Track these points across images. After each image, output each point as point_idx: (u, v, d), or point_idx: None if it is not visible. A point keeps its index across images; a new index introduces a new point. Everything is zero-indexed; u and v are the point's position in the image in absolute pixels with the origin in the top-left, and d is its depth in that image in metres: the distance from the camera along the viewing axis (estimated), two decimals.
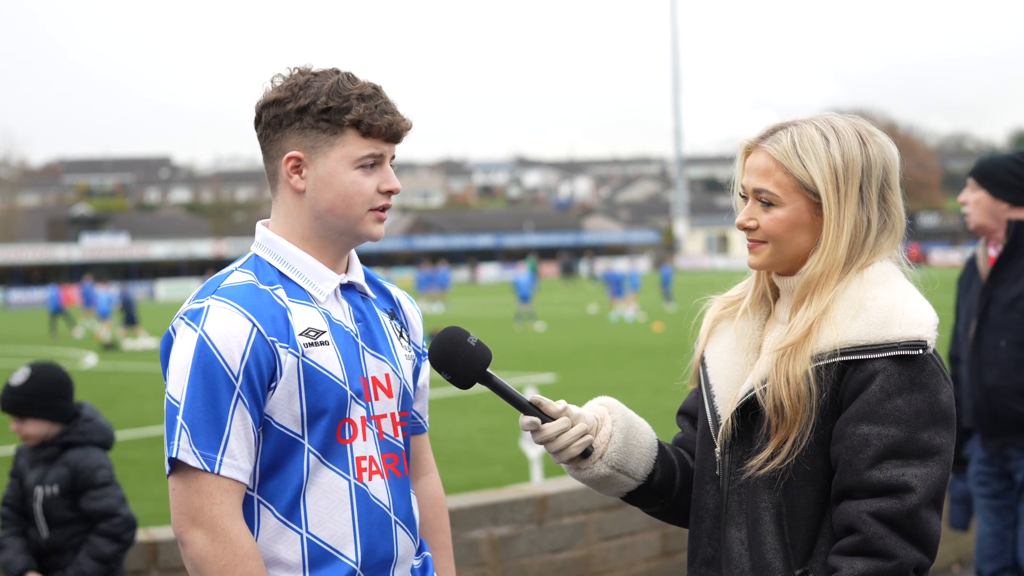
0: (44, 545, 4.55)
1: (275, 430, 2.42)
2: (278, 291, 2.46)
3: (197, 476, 2.36)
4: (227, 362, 2.36)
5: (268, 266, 2.51)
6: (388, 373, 2.57)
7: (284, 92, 2.48)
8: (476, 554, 5.75)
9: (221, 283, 2.46)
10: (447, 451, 13.32)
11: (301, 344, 2.43)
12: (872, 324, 2.32)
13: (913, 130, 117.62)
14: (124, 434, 14.23)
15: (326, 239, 2.54)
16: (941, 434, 2.29)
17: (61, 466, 4.54)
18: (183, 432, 2.35)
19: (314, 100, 2.45)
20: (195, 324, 2.39)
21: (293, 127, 2.47)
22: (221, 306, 2.40)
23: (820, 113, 2.48)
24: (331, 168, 2.48)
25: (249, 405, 2.38)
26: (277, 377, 2.40)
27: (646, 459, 2.59)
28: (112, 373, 23.80)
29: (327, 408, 2.44)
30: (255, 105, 2.54)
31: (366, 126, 2.47)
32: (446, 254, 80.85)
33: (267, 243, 2.55)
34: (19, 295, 63.95)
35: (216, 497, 2.36)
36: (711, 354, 2.56)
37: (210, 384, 2.36)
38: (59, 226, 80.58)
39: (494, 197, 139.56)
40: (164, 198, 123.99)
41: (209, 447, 2.35)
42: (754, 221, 2.44)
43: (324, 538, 2.45)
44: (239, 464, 2.38)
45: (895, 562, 2.24)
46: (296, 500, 2.44)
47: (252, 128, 2.57)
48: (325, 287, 2.53)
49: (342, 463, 2.47)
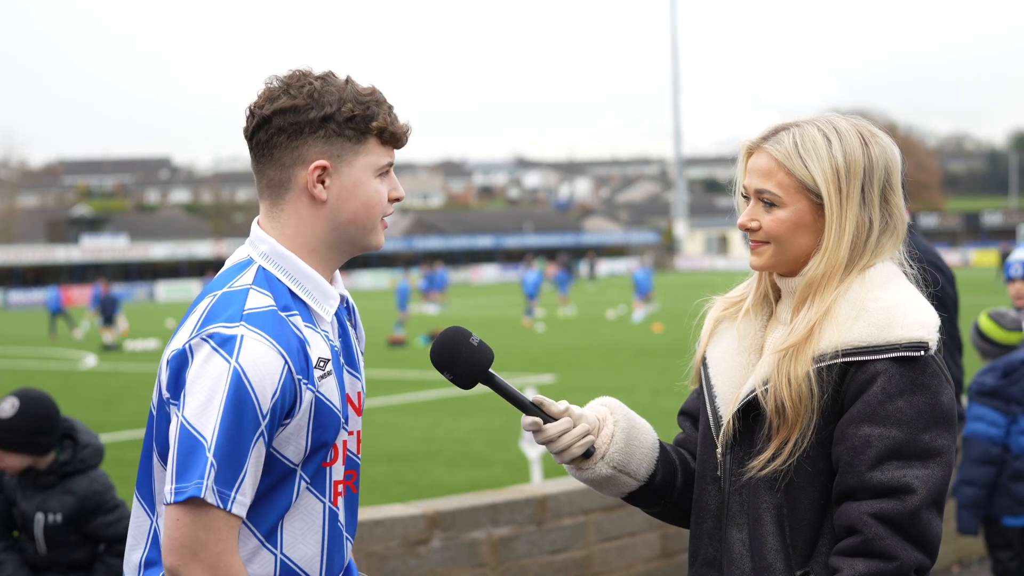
0: (40, 561, 4.52)
1: (277, 461, 2.36)
2: (294, 318, 2.36)
3: (208, 512, 2.26)
4: (259, 401, 2.26)
5: (279, 284, 2.40)
6: (360, 391, 2.52)
7: (302, 99, 2.38)
8: (476, 555, 5.74)
9: (244, 305, 2.32)
10: (447, 451, 13.32)
11: (316, 378, 2.36)
12: (874, 325, 2.32)
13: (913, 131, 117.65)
14: (124, 435, 14.25)
15: (335, 250, 2.46)
16: (942, 435, 2.29)
17: (65, 494, 4.45)
18: (212, 470, 2.24)
19: (339, 108, 2.38)
20: (226, 353, 2.26)
21: (316, 135, 2.38)
22: (255, 338, 2.27)
23: (822, 114, 2.48)
24: (356, 177, 2.40)
25: (266, 442, 2.31)
26: (294, 413, 2.33)
27: (647, 459, 2.59)
28: (112, 374, 23.77)
29: (328, 440, 2.40)
30: (254, 108, 2.42)
31: (389, 133, 2.42)
32: (446, 255, 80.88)
33: (277, 257, 2.42)
34: (19, 296, 63.93)
35: (222, 533, 2.28)
36: (713, 355, 2.56)
37: (240, 422, 2.25)
38: (59, 227, 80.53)
39: (494, 198, 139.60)
40: (164, 199, 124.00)
41: (227, 484, 2.26)
42: (756, 222, 2.44)
43: (296, 559, 2.41)
44: (246, 501, 2.31)
45: (896, 563, 2.23)
46: (277, 523, 2.39)
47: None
48: (330, 307, 2.45)
49: (321, 486, 2.43)
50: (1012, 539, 5.86)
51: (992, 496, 5.82)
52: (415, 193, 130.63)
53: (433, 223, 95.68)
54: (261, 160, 2.43)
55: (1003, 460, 5.76)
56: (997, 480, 5.79)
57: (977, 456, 5.76)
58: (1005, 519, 5.83)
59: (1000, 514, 5.83)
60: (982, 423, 5.76)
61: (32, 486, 4.50)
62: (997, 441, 5.74)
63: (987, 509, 5.85)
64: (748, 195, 2.47)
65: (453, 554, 5.62)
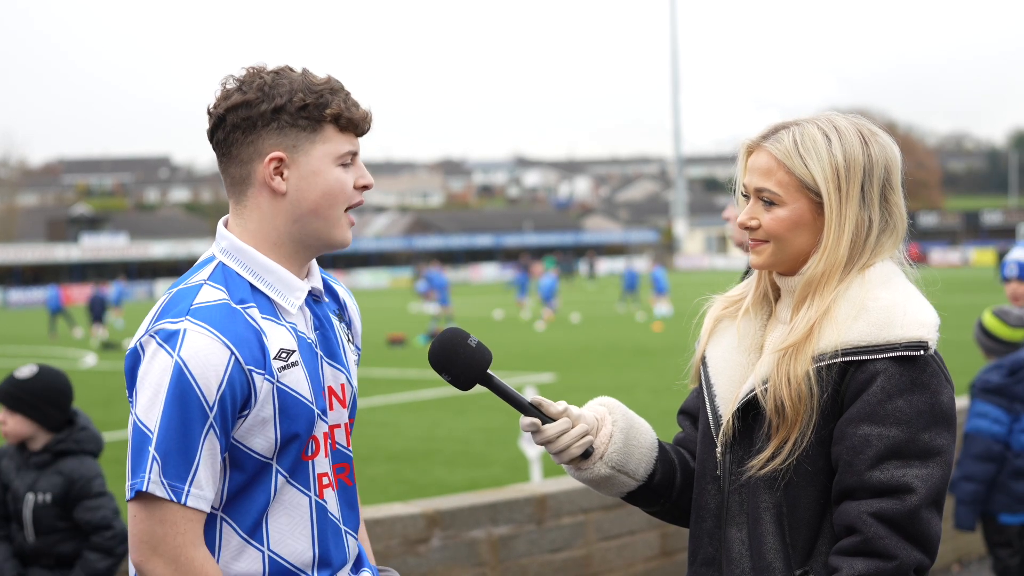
0: (28, 549, 4.54)
1: (246, 455, 2.36)
2: (251, 310, 2.36)
3: (162, 506, 2.28)
4: (204, 393, 2.27)
5: (237, 278, 2.41)
6: (343, 383, 2.51)
7: (252, 93, 2.38)
8: (475, 554, 5.74)
9: (193, 301, 2.34)
10: (446, 451, 13.32)
11: (275, 369, 2.35)
12: (873, 325, 2.31)
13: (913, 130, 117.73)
14: (123, 434, 14.25)
15: (299, 244, 2.45)
16: (942, 435, 2.29)
17: (55, 474, 4.51)
18: (155, 464, 2.27)
19: (290, 98, 2.37)
20: (170, 348, 2.28)
21: (270, 128, 2.38)
22: (198, 331, 2.28)
23: (822, 113, 2.48)
24: (315, 166, 2.40)
25: (219, 435, 2.31)
26: (251, 405, 2.33)
27: (646, 459, 2.59)
28: (112, 373, 23.78)
29: (298, 432, 2.39)
30: (210, 109, 2.41)
31: (345, 120, 2.41)
32: (445, 254, 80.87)
33: (236, 252, 2.43)
34: (18, 295, 63.93)
35: (180, 527, 2.29)
36: (712, 354, 2.56)
37: (185, 415, 2.27)
38: (58, 226, 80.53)
39: (493, 197, 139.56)
40: (163, 198, 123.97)
41: (178, 478, 2.28)
42: (756, 220, 2.44)
43: (285, 555, 2.40)
44: (204, 494, 2.31)
45: (895, 563, 2.23)
46: (260, 519, 2.39)
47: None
48: (295, 299, 2.44)
49: (304, 480, 2.42)
50: (1011, 536, 5.87)
51: (990, 493, 5.83)
52: (415, 192, 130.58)
53: (432, 222, 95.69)
54: (223, 159, 2.45)
55: (1004, 457, 5.77)
56: (996, 477, 5.80)
57: (979, 452, 5.76)
58: (1002, 516, 5.83)
59: (997, 511, 5.84)
60: (985, 420, 5.76)
61: (26, 465, 4.56)
62: (999, 438, 5.74)
63: (985, 506, 5.85)
64: (748, 194, 2.47)
65: (453, 553, 5.63)
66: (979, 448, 5.76)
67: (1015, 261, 6.12)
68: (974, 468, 5.77)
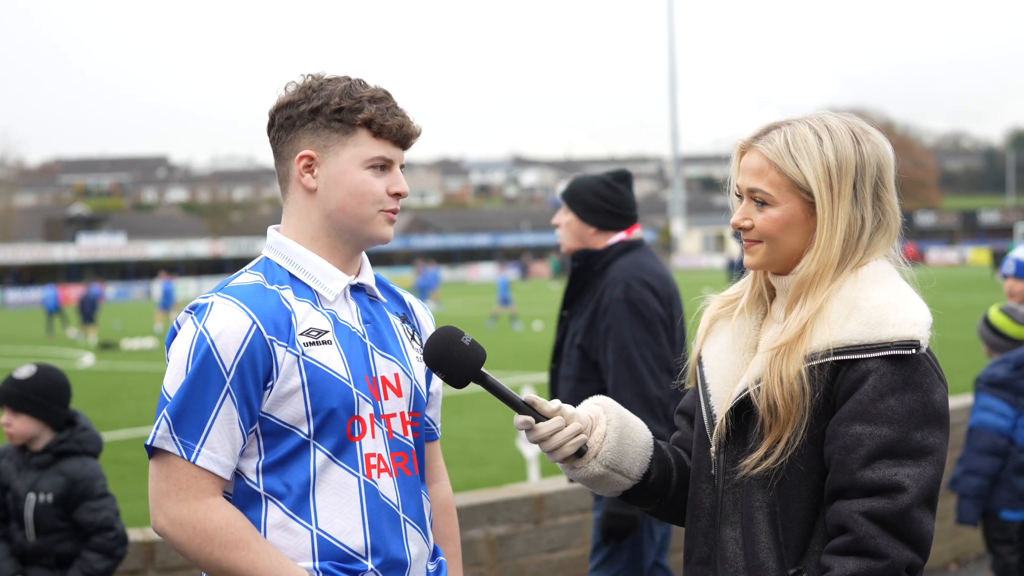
0: (28, 549, 4.54)
1: (277, 427, 2.45)
2: (285, 292, 2.50)
3: (171, 462, 2.40)
4: (221, 356, 2.39)
5: (278, 268, 2.55)
6: (397, 373, 2.60)
7: (297, 95, 2.54)
8: (473, 553, 5.75)
9: (229, 283, 2.51)
10: (444, 450, 13.28)
11: (301, 343, 2.45)
12: (865, 324, 2.32)
13: (910, 129, 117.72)
14: (121, 434, 14.25)
15: (337, 239, 2.57)
16: (935, 434, 2.29)
17: (56, 474, 4.52)
18: (163, 421, 2.40)
19: (327, 101, 2.51)
20: (198, 319, 2.43)
21: (306, 127, 2.53)
22: (224, 303, 2.44)
23: (814, 112, 2.48)
24: (342, 167, 2.53)
25: (238, 403, 2.41)
26: (274, 376, 2.43)
27: (641, 458, 2.59)
28: (109, 373, 23.78)
29: (333, 407, 2.46)
30: (268, 111, 2.60)
31: (377, 126, 2.52)
32: (443, 253, 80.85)
33: (277, 245, 2.59)
34: (16, 295, 63.89)
35: (184, 483, 2.40)
36: (708, 353, 2.56)
37: (201, 377, 2.39)
38: (56, 226, 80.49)
39: (491, 196, 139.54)
40: (161, 198, 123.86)
41: (190, 436, 2.39)
42: (749, 221, 2.44)
43: (335, 534, 2.47)
44: (218, 458, 2.41)
45: (887, 562, 2.24)
46: (304, 496, 2.46)
47: (249, 128, 2.61)
48: (334, 287, 2.55)
49: (351, 460, 2.49)
50: (1012, 533, 5.85)
51: (992, 489, 5.81)
52: (412, 191, 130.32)
53: (430, 221, 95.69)
54: (275, 158, 2.61)
55: (1008, 452, 5.75)
56: (1000, 472, 5.78)
57: (984, 446, 5.74)
58: (1004, 512, 5.82)
59: (999, 507, 5.82)
60: (990, 414, 5.74)
61: (27, 465, 4.58)
62: (1004, 432, 5.73)
63: (986, 502, 5.83)
64: (741, 194, 2.48)
65: None
66: (984, 442, 5.74)
67: (1014, 259, 6.13)
68: (978, 462, 5.75)
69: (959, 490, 5.84)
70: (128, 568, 5.13)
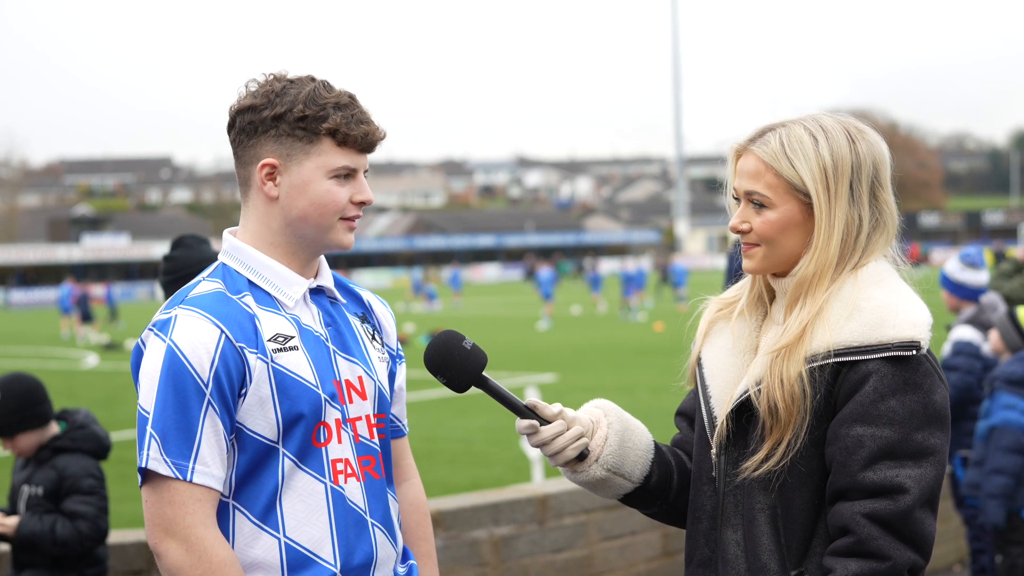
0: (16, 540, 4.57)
1: (249, 438, 2.41)
2: (246, 299, 2.45)
3: (169, 485, 2.35)
4: (196, 370, 2.35)
5: (236, 274, 2.50)
6: (361, 375, 2.56)
7: (260, 98, 2.47)
8: (477, 554, 5.75)
9: (188, 293, 2.46)
10: (448, 451, 13.32)
11: (270, 350, 2.42)
12: (866, 325, 2.32)
13: (914, 130, 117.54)
14: (125, 434, 14.24)
15: (296, 245, 2.53)
16: (935, 435, 2.29)
17: (49, 469, 4.56)
18: (152, 442, 2.34)
19: (290, 108, 2.44)
20: (163, 334, 2.39)
21: (268, 134, 2.47)
22: (189, 314, 2.39)
23: (810, 113, 2.47)
24: (306, 176, 2.47)
25: (220, 412, 2.37)
26: (247, 383, 2.39)
27: (642, 461, 2.59)
28: (113, 373, 23.78)
29: (302, 413, 2.43)
30: (228, 109, 2.52)
31: (342, 135, 2.46)
32: (447, 254, 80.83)
33: (234, 251, 2.53)
34: (20, 295, 63.94)
35: (189, 506, 2.34)
36: (708, 355, 2.56)
37: (180, 392, 2.35)
38: (60, 226, 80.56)
39: (495, 197, 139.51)
40: (165, 198, 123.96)
41: (180, 455, 2.34)
42: (747, 224, 2.44)
43: (302, 542, 2.43)
44: (212, 471, 2.36)
45: (889, 563, 2.24)
46: (272, 504, 2.42)
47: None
48: (293, 292, 2.51)
49: (317, 466, 2.46)
50: None
51: (1016, 488, 5.73)
52: (416, 192, 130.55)
53: (434, 222, 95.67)
54: (235, 159, 2.55)
55: None
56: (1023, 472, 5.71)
57: (1009, 444, 5.65)
58: None
59: (1020, 507, 5.75)
60: (1015, 411, 5.67)
61: (28, 461, 4.63)
62: None
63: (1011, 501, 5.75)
64: (738, 197, 2.47)
65: (455, 553, 5.63)
66: (1009, 440, 5.66)
67: (941, 271, 6.13)
68: (1004, 460, 5.66)
69: (985, 490, 5.75)
70: (131, 568, 5.13)
